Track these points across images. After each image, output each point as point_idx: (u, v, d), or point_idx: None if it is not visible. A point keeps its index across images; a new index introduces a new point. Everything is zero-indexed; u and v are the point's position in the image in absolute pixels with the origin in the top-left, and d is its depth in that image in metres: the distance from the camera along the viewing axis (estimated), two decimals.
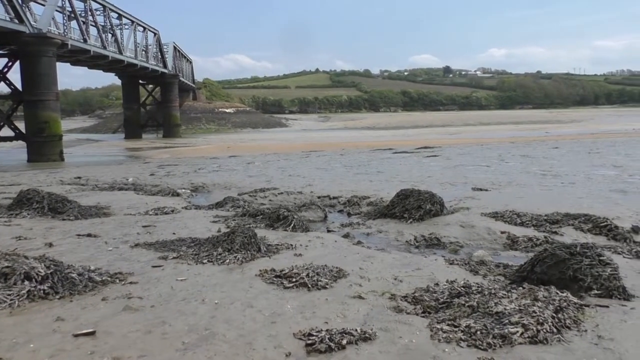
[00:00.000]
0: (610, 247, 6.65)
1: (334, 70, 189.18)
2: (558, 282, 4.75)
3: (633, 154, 19.47)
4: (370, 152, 25.20)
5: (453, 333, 3.78)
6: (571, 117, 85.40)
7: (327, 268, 5.50)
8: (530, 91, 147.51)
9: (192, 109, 77.48)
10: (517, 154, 20.83)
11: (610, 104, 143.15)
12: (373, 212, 9.27)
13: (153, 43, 56.52)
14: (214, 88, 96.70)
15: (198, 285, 5.01)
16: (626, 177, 12.92)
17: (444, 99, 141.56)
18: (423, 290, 4.79)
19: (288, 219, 8.13)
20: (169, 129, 60.01)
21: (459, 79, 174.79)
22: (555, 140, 31.64)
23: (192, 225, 8.18)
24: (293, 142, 42.10)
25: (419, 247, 7.23)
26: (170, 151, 34.68)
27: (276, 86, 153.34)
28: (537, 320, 3.80)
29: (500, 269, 5.73)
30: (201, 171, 17.80)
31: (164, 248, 6.56)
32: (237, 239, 6.31)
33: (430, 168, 16.42)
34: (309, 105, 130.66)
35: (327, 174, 15.54)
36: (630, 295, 4.64)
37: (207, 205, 10.65)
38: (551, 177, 13.11)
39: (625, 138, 31.27)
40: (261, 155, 25.12)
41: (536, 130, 51.06)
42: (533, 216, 8.20)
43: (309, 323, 4.05)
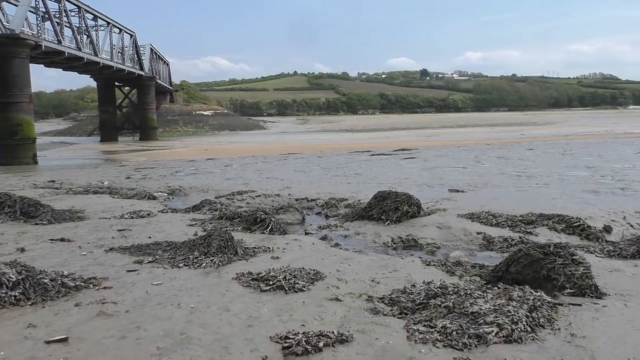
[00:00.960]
0: (583, 247, 6.77)
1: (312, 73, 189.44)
2: (532, 282, 4.82)
3: (605, 155, 19.86)
4: (348, 154, 25.26)
5: (429, 334, 3.81)
6: (545, 119, 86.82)
7: (304, 271, 5.49)
8: (506, 94, 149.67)
9: (169, 112, 76.71)
10: (493, 156, 21.08)
11: (583, 107, 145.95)
12: (351, 214, 9.29)
13: (129, 45, 55.84)
14: (192, 90, 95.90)
15: (174, 290, 4.95)
16: (598, 177, 13.16)
17: (421, 101, 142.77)
18: (400, 292, 4.81)
19: (265, 221, 8.10)
20: (145, 132, 59.29)
21: (435, 81, 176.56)
22: (530, 142, 32.10)
23: (169, 228, 8.09)
24: (271, 144, 41.99)
25: (397, 248, 7.27)
26: (147, 154, 34.30)
27: (254, 89, 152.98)
28: (512, 320, 3.85)
29: (476, 270, 5.79)
30: (178, 174, 17.63)
31: (140, 252, 6.48)
32: (213, 242, 6.27)
33: (407, 170, 16.51)
34: (287, 108, 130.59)
35: (305, 176, 15.53)
36: (602, 294, 4.72)
37: (184, 208, 10.56)
38: (526, 178, 13.29)
39: (597, 140, 31.89)
40: (239, 158, 24.99)
41: (511, 132, 51.75)
42: (508, 217, 8.31)
43: (286, 326, 4.04)
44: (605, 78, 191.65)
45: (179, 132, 71.13)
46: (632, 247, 6.41)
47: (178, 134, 68.82)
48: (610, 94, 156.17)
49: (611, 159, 18.30)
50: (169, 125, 71.89)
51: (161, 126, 66.62)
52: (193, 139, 59.19)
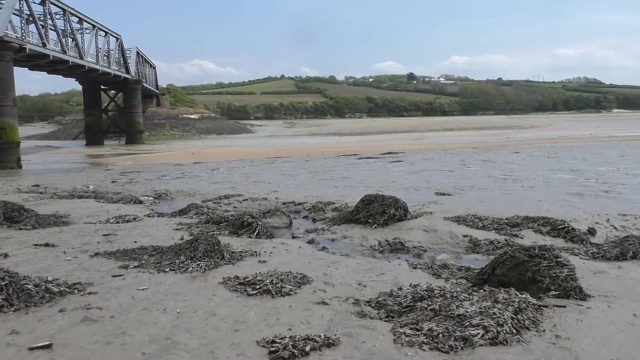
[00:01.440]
0: (568, 249, 6.84)
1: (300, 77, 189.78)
2: (518, 284, 4.85)
3: (589, 158, 20.09)
4: (336, 158, 25.29)
5: (415, 337, 3.82)
6: (531, 122, 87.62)
7: (291, 274, 5.48)
8: (492, 97, 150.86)
9: (156, 115, 76.28)
10: (479, 159, 21.23)
11: (568, 110, 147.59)
12: (338, 217, 9.29)
13: (115, 48, 55.51)
14: (178, 94, 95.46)
15: (160, 295, 4.92)
16: (583, 180, 13.31)
17: (408, 105, 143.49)
18: (387, 295, 4.82)
19: (252, 225, 8.08)
20: (131, 136, 58.93)
21: (422, 85, 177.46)
22: (516, 145, 32.38)
23: (155, 233, 8.04)
24: (258, 148, 41.92)
25: (383, 252, 7.28)
26: (133, 158, 34.07)
27: (241, 92, 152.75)
28: (497, 322, 3.87)
29: (462, 272, 5.82)
30: (164, 178, 17.54)
31: (125, 257, 6.42)
32: (200, 246, 6.24)
33: (394, 173, 16.57)
34: (275, 112, 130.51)
35: (293, 180, 15.52)
36: (586, 295, 4.77)
37: (170, 212, 10.50)
38: (511, 181, 13.40)
39: (582, 143, 32.25)
40: (226, 162, 24.92)
41: (497, 135, 52.17)
42: (494, 220, 8.36)
43: (273, 330, 4.03)
44: (589, 82, 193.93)
45: (166, 135, 70.77)
46: (615, 249, 6.48)
47: (165, 138, 68.46)
48: (595, 97, 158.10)
49: (595, 162, 18.51)
50: (155, 129, 71.52)
51: (148, 130, 66.28)
52: (180, 142, 58.93)
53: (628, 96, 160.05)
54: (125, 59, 58.53)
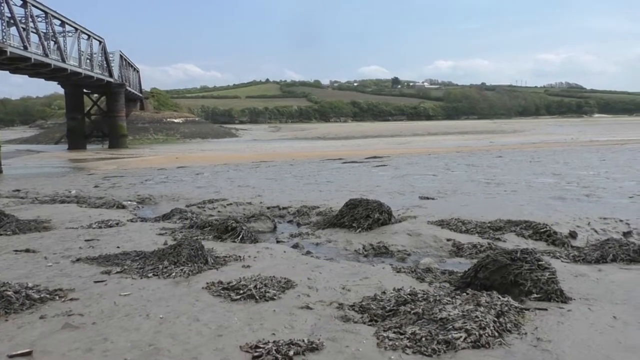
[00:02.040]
0: (550, 252, 6.91)
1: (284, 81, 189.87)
2: (500, 287, 4.90)
3: (571, 162, 20.34)
4: (320, 162, 25.31)
5: (399, 340, 3.83)
6: (514, 127, 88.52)
7: (275, 279, 5.47)
8: (475, 102, 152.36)
9: (140, 119, 75.71)
10: (463, 163, 21.38)
11: (550, 115, 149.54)
12: (322, 221, 9.29)
13: (98, 51, 55.03)
14: (162, 98, 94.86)
15: (142, 300, 4.88)
16: (564, 184, 13.47)
17: (392, 109, 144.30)
18: (370, 299, 4.83)
19: (236, 230, 8.05)
20: (115, 140, 58.39)
21: (407, 90, 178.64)
22: (499, 149, 32.68)
23: (138, 238, 7.97)
24: (243, 152, 41.81)
25: (368, 256, 7.30)
26: (116, 162, 33.77)
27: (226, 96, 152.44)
28: (480, 325, 3.90)
29: (445, 276, 5.85)
30: (148, 182, 17.41)
31: (108, 262, 6.36)
32: (183, 251, 6.20)
33: (379, 177, 16.62)
34: (260, 116, 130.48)
35: (277, 184, 15.50)
36: (567, 298, 4.82)
37: (154, 217, 10.42)
38: (495, 186, 13.51)
39: (564, 147, 32.66)
40: (210, 166, 24.81)
41: (481, 140, 52.60)
42: (477, 223, 8.43)
43: (256, 335, 4.01)
44: (571, 87, 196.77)
45: (150, 139, 70.24)
46: (596, 252, 6.57)
47: (148, 142, 67.94)
48: (576, 102, 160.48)
49: (577, 166, 18.75)
50: (139, 133, 70.96)
51: (131, 134, 65.73)
52: (164, 146, 58.53)
53: (609, 101, 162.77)
54: (109, 62, 58.05)
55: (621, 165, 18.32)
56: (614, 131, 61.90)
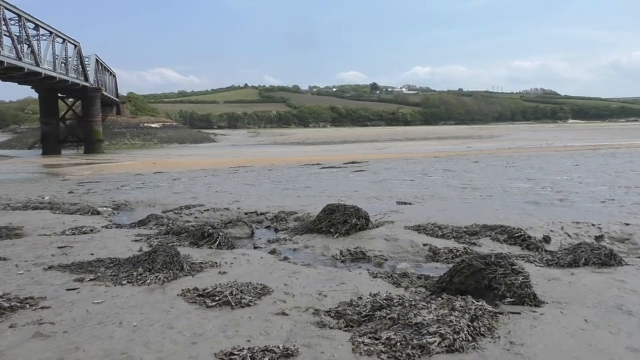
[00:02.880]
0: (524, 256, 7.00)
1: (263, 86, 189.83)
2: (475, 292, 4.94)
3: (545, 167, 20.67)
4: (299, 167, 25.31)
5: (374, 345, 3.84)
6: (491, 132, 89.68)
7: (251, 285, 5.45)
8: (453, 108, 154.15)
9: (116, 124, 74.87)
10: (440, 168, 21.57)
11: (525, 120, 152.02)
12: (300, 227, 9.29)
13: (73, 55, 54.35)
14: (139, 102, 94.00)
15: (116, 308, 4.81)
16: (539, 189, 13.67)
17: (371, 114, 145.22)
18: (346, 304, 4.83)
19: (213, 236, 7.99)
20: (90, 145, 57.63)
21: (385, 95, 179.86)
22: (476, 154, 33.07)
23: (112, 244, 7.86)
24: (221, 157, 41.59)
25: (345, 261, 7.30)
26: (92, 168, 33.31)
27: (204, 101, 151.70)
28: (454, 330, 3.93)
29: (421, 281, 5.88)
30: (124, 188, 17.19)
31: (81, 270, 6.26)
32: (158, 258, 6.13)
33: (357, 183, 16.67)
34: (238, 121, 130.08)
35: (255, 189, 15.44)
36: (540, 302, 4.89)
37: (129, 223, 10.29)
38: (471, 190, 13.65)
39: (538, 153, 33.19)
40: (188, 172, 24.62)
41: (458, 145, 53.19)
42: (453, 228, 8.50)
43: (231, 342, 3.99)
44: (545, 93, 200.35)
45: (126, 145, 69.49)
46: (568, 256, 6.66)
47: (125, 147, 67.20)
48: (551, 108, 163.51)
49: (551, 171, 19.05)
50: (115, 138, 70.17)
51: (107, 139, 64.98)
52: (141, 152, 57.92)
53: (582, 107, 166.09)
54: (84, 66, 57.37)
55: (593, 170, 18.68)
56: (587, 137, 63.17)
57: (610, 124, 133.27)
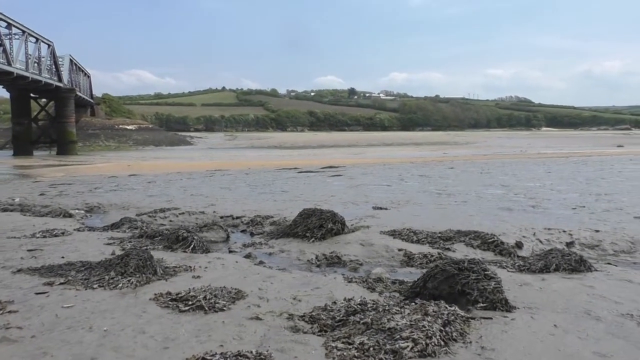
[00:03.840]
0: (497, 262, 7.09)
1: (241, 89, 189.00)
2: (448, 297, 4.98)
3: (519, 174, 20.99)
4: (276, 171, 25.25)
5: (347, 350, 3.84)
6: (467, 139, 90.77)
7: (225, 290, 5.41)
8: (430, 114, 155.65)
9: (90, 125, 73.79)
10: (416, 174, 21.75)
11: (501, 127, 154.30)
12: (276, 231, 9.26)
13: (47, 55, 53.42)
14: (114, 104, 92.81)
15: (86, 312, 4.73)
16: (512, 195, 13.87)
17: (349, 119, 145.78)
18: (321, 309, 4.83)
19: (188, 240, 7.91)
20: (63, 146, 56.65)
21: (363, 100, 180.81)
22: (452, 160, 33.43)
23: (84, 248, 7.73)
24: (198, 160, 41.27)
25: (320, 265, 7.31)
26: (65, 169, 32.73)
27: (181, 103, 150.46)
28: (426, 334, 3.96)
29: (396, 286, 5.92)
30: (97, 191, 16.94)
31: (51, 273, 6.13)
32: (131, 261, 6.05)
33: (333, 187, 16.71)
34: (215, 124, 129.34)
35: (231, 193, 15.36)
36: (511, 307, 4.95)
37: (102, 226, 10.14)
38: (446, 196, 13.79)
39: (513, 159, 33.69)
40: (163, 174, 24.37)
41: (435, 151, 53.70)
42: (428, 233, 8.57)
43: (204, 347, 3.95)
44: (520, 101, 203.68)
45: (100, 146, 68.54)
46: (540, 262, 6.77)
47: (99, 149, 66.28)
48: (525, 116, 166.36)
49: (524, 177, 19.35)
50: (89, 140, 69.19)
51: (81, 140, 64.04)
52: (115, 154, 57.17)
53: (556, 115, 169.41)
54: (58, 66, 56.45)
55: (565, 178, 19.04)
56: (560, 144, 64.38)
57: (582, 132, 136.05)
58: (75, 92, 60.55)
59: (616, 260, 7.59)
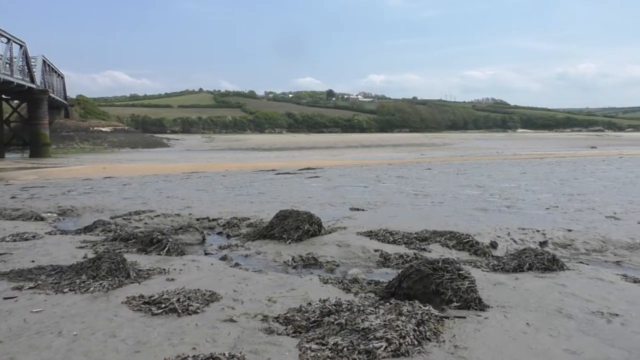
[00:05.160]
0: (471, 262, 7.15)
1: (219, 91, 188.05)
2: (423, 297, 5.01)
3: (494, 175, 21.24)
4: (253, 173, 25.14)
5: (321, 351, 3.83)
6: (444, 140, 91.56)
7: (200, 292, 5.36)
8: (408, 115, 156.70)
9: (64, 127, 72.49)
10: (393, 175, 21.85)
11: (477, 129, 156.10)
12: (253, 233, 9.21)
13: (19, 55, 52.34)
14: (89, 105, 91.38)
15: (56, 317, 4.63)
16: (487, 196, 14.03)
17: (327, 121, 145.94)
18: (295, 311, 4.81)
19: (162, 242, 7.83)
20: (36, 149, 55.50)
21: (341, 102, 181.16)
22: (429, 162, 33.67)
23: (55, 251, 7.59)
24: (174, 162, 40.86)
25: (297, 267, 7.28)
26: (37, 172, 32.09)
27: (157, 105, 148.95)
28: (400, 334, 3.97)
29: (371, 286, 5.93)
30: (71, 193, 16.64)
31: (20, 277, 6.00)
32: (103, 265, 5.95)
33: (311, 189, 16.69)
34: (193, 125, 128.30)
35: (208, 195, 15.23)
36: (485, 306, 5.00)
37: (75, 229, 9.96)
38: (422, 197, 13.88)
39: (488, 160, 34.09)
40: (139, 177, 24.06)
41: (412, 152, 54.02)
42: (404, 234, 8.61)
43: (176, 350, 3.90)
44: (496, 103, 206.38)
45: (75, 149, 67.37)
46: (513, 262, 6.85)
47: (74, 151, 65.14)
48: (501, 117, 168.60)
49: (500, 178, 19.59)
50: (63, 142, 67.93)
51: (55, 143, 62.83)
52: (90, 156, 56.28)
53: (531, 117, 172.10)
54: (30, 67, 55.36)
55: (540, 178, 19.33)
56: (535, 146, 65.36)
57: (556, 133, 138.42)
58: (48, 93, 59.42)
59: (588, 259, 7.72)
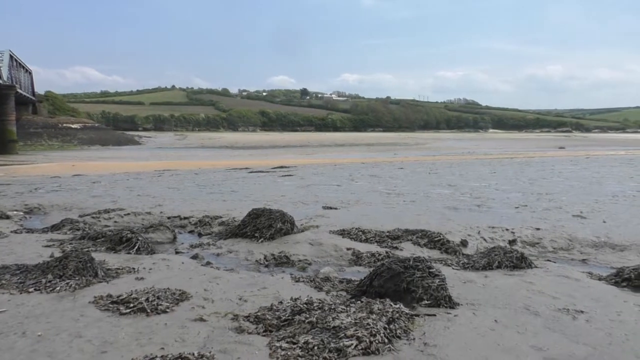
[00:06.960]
0: (442, 260, 7.23)
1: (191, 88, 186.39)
2: (394, 295, 5.03)
3: (465, 174, 21.51)
4: (226, 171, 24.96)
5: (291, 350, 3.82)
6: (417, 140, 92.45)
7: (169, 291, 5.29)
8: (381, 115, 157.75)
9: (32, 124, 70.86)
10: (366, 174, 21.94)
11: (450, 129, 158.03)
12: (225, 232, 9.14)
13: None
14: (58, 102, 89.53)
15: (20, 317, 4.52)
16: (458, 195, 14.19)
17: (301, 120, 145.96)
18: (266, 309, 4.79)
19: (132, 241, 7.70)
20: (2, 145, 54.19)
21: (315, 101, 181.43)
22: (402, 161, 33.92)
23: (21, 250, 7.40)
24: (146, 160, 40.32)
25: (269, 265, 7.25)
26: (3, 169, 31.30)
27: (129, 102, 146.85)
28: (371, 332, 3.98)
29: (343, 285, 5.93)
30: (38, 191, 16.26)
31: None
32: (70, 264, 5.83)
33: (284, 187, 16.65)
34: (165, 123, 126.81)
35: (179, 193, 15.06)
36: (455, 304, 5.05)
37: (42, 228, 9.73)
38: (395, 196, 13.97)
39: (460, 160, 34.52)
40: (109, 175, 23.66)
41: (385, 151, 54.39)
42: (377, 233, 8.65)
43: (144, 350, 3.84)
44: (468, 103, 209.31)
45: (43, 146, 65.93)
46: (483, 260, 6.95)
47: (42, 148, 63.75)
48: (473, 118, 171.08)
49: (470, 178, 19.85)
50: (31, 139, 66.45)
51: (22, 139, 61.43)
52: (59, 153, 55.15)
53: (501, 117, 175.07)
54: None
55: (509, 178, 19.64)
56: (506, 146, 66.46)
57: (526, 134, 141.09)
58: (15, 89, 58.03)
59: (555, 257, 7.87)
